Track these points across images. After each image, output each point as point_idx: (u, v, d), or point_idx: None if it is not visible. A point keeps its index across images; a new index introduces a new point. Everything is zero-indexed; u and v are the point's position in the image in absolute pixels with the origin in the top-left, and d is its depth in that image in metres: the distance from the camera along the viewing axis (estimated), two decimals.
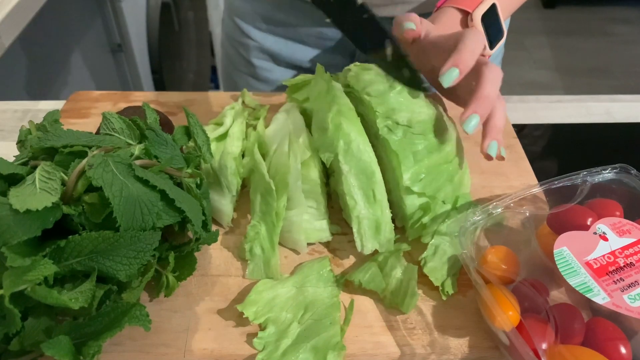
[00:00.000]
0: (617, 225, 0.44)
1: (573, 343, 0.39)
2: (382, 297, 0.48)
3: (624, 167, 0.49)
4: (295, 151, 0.49)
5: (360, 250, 0.49)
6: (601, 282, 0.40)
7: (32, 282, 0.36)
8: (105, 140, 0.45)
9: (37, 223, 0.38)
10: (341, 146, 0.48)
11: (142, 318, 0.40)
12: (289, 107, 0.58)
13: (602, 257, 0.42)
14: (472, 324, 0.46)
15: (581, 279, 0.40)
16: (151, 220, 0.41)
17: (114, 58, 1.53)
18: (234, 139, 0.56)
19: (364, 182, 0.48)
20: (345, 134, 0.49)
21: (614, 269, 0.41)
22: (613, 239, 0.43)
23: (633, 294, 0.39)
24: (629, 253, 0.42)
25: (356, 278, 0.47)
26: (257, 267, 0.49)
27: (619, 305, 0.39)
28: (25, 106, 0.71)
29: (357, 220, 0.48)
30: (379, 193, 0.48)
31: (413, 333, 0.45)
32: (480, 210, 0.46)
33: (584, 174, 0.49)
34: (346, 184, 0.48)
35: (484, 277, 0.42)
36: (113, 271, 0.40)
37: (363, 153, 0.49)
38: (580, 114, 0.71)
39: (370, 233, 0.48)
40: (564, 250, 0.42)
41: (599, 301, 0.39)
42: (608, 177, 0.49)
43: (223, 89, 0.97)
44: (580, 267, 0.41)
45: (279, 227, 0.49)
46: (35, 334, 0.39)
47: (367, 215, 0.48)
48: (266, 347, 0.43)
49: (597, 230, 0.44)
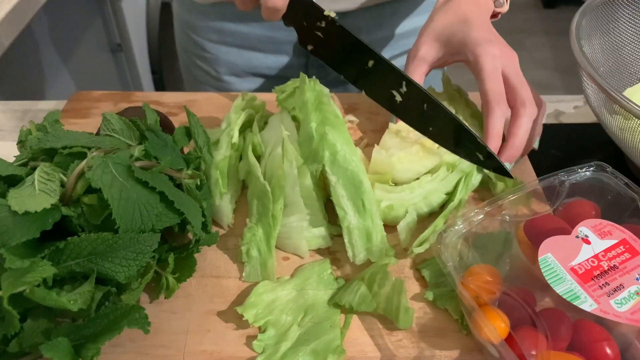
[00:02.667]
0: (598, 227, 0.44)
1: (562, 347, 0.39)
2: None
3: (600, 165, 0.48)
4: (290, 157, 0.49)
5: (352, 260, 0.48)
6: (587, 288, 0.40)
7: (31, 283, 0.36)
8: (104, 142, 0.45)
9: (36, 224, 0.38)
10: (327, 157, 0.48)
11: (141, 320, 0.39)
12: (282, 111, 0.58)
13: (586, 262, 0.42)
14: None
15: (568, 287, 0.40)
16: (150, 222, 0.41)
17: (114, 58, 1.53)
18: (222, 146, 0.55)
19: (352, 192, 0.48)
20: (331, 145, 0.48)
21: (599, 273, 0.41)
22: (595, 241, 0.43)
23: (619, 298, 0.39)
24: (611, 255, 0.42)
25: (346, 301, 0.46)
26: (253, 269, 0.49)
27: (606, 312, 0.38)
28: (25, 106, 0.71)
29: (347, 231, 0.48)
30: (368, 202, 0.48)
31: (414, 336, 0.45)
32: (461, 219, 0.46)
33: (562, 174, 0.48)
34: (335, 194, 0.48)
35: (470, 290, 0.41)
36: (112, 273, 0.40)
37: (350, 163, 0.48)
38: (580, 113, 0.71)
39: (362, 243, 0.48)
40: (548, 257, 0.42)
41: (587, 308, 0.39)
42: (585, 177, 0.48)
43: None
44: (566, 274, 0.41)
45: (275, 229, 0.49)
46: (34, 336, 0.38)
47: (357, 225, 0.48)
48: (266, 349, 0.43)
49: (580, 233, 0.43)
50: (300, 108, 0.53)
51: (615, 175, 0.48)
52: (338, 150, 0.48)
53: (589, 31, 0.63)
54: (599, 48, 0.66)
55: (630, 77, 0.67)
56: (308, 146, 0.50)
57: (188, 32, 0.83)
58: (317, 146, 0.49)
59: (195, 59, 0.86)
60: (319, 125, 0.49)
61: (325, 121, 0.50)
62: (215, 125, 0.65)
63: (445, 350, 0.44)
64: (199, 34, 0.82)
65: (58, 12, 1.16)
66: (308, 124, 0.50)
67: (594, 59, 0.64)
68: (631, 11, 0.66)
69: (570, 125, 0.69)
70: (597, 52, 0.65)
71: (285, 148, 0.49)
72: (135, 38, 1.51)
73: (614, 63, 0.67)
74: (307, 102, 0.51)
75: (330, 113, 0.50)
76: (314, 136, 0.49)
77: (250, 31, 0.77)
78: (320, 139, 0.49)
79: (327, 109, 0.51)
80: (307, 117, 0.51)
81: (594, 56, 0.65)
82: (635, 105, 0.50)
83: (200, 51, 0.83)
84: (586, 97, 0.61)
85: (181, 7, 0.83)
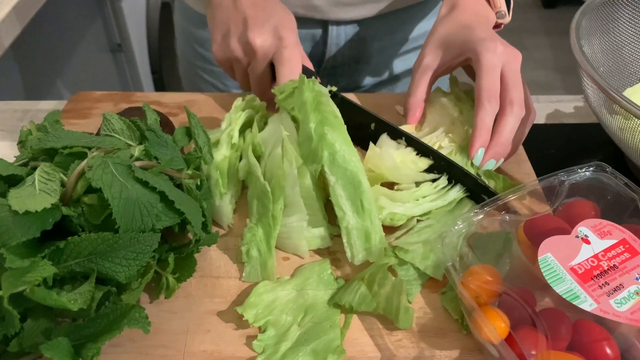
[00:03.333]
0: (598, 227, 0.44)
1: (562, 347, 0.39)
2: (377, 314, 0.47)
3: (599, 165, 0.48)
4: (289, 157, 0.49)
5: (350, 260, 0.48)
6: (587, 288, 0.40)
7: (31, 283, 0.36)
8: (105, 142, 0.45)
9: (36, 224, 0.38)
10: (326, 157, 0.48)
11: (141, 320, 0.39)
12: (282, 111, 0.58)
13: (586, 262, 0.42)
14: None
15: (567, 286, 0.40)
16: (150, 222, 0.41)
17: (114, 58, 1.53)
18: (222, 146, 0.55)
19: (351, 192, 0.48)
20: (330, 145, 0.48)
21: (599, 273, 0.41)
22: (595, 241, 0.43)
23: (619, 298, 0.39)
24: (611, 255, 0.42)
25: (346, 301, 0.46)
26: (253, 269, 0.49)
27: (606, 311, 0.38)
28: (25, 106, 0.71)
29: (346, 231, 0.48)
30: (367, 202, 0.48)
31: (414, 336, 0.45)
32: (461, 218, 0.46)
33: (561, 174, 0.48)
34: (333, 194, 0.48)
35: (470, 290, 0.41)
36: (112, 272, 0.40)
37: (349, 163, 0.48)
38: (580, 113, 0.71)
39: (360, 243, 0.48)
40: (548, 257, 0.42)
41: (586, 308, 0.39)
42: (585, 177, 0.48)
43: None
44: (566, 274, 0.41)
45: (275, 229, 0.49)
46: (34, 336, 0.38)
47: (356, 225, 0.48)
48: (266, 349, 0.43)
49: (579, 233, 0.43)
50: (299, 108, 0.53)
51: (615, 175, 0.48)
52: (337, 150, 0.48)
53: (589, 31, 0.63)
54: (599, 48, 0.66)
55: (630, 77, 0.67)
56: (307, 146, 0.50)
57: (194, 45, 0.82)
58: (316, 146, 0.49)
59: (201, 72, 0.85)
60: (318, 126, 0.49)
61: (324, 121, 0.50)
62: (215, 125, 0.65)
63: (445, 350, 0.44)
64: (206, 47, 0.81)
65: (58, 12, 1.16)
66: (307, 124, 0.50)
67: (594, 59, 0.64)
68: (631, 11, 0.66)
69: (570, 125, 0.69)
70: (597, 52, 0.65)
71: (285, 148, 0.49)
72: (135, 38, 1.51)
73: (614, 63, 0.67)
74: (305, 102, 0.51)
75: (329, 113, 0.50)
76: (313, 136, 0.49)
77: None
78: (319, 139, 0.49)
79: (326, 109, 0.51)
80: (306, 118, 0.51)
81: (594, 56, 0.65)
82: (635, 105, 0.50)
83: (207, 64, 0.83)
84: (586, 97, 0.61)
85: (184, 19, 0.82)
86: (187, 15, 0.81)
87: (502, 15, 0.61)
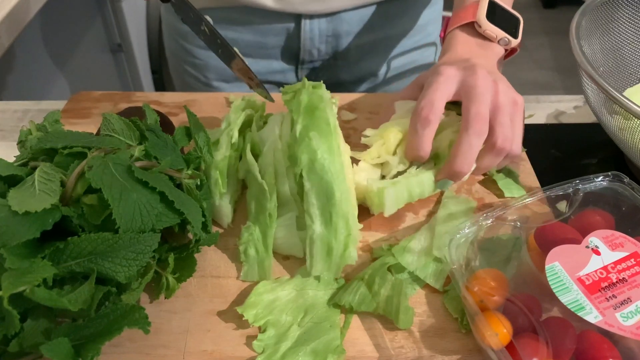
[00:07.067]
0: (609, 238, 0.43)
1: (566, 358, 0.38)
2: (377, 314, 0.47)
3: (616, 175, 0.47)
4: (278, 155, 0.49)
5: (308, 270, 0.48)
6: (593, 300, 0.39)
7: (31, 283, 0.36)
8: (105, 142, 0.45)
9: (36, 225, 0.38)
10: (305, 162, 0.47)
11: (141, 320, 0.39)
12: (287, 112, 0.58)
13: (594, 273, 0.41)
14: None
15: (573, 297, 0.39)
16: (150, 222, 0.41)
17: (114, 58, 1.53)
18: (222, 146, 0.55)
19: (323, 202, 0.47)
20: (312, 150, 0.48)
21: (607, 285, 0.40)
22: (606, 252, 0.42)
23: (625, 312, 0.38)
24: (621, 268, 0.41)
25: (346, 301, 0.46)
26: (251, 268, 0.49)
27: (611, 324, 0.38)
28: (25, 106, 0.71)
29: (310, 240, 0.47)
30: (335, 216, 0.47)
31: (414, 336, 0.45)
32: (470, 222, 0.45)
33: (576, 182, 0.47)
34: (306, 201, 0.47)
35: (474, 294, 0.41)
36: (112, 273, 0.40)
37: (327, 172, 0.47)
38: (580, 113, 0.71)
39: (321, 256, 0.47)
40: (555, 265, 0.41)
41: (591, 320, 0.38)
42: (601, 186, 0.47)
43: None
44: (573, 284, 0.40)
45: (272, 228, 0.49)
46: (34, 336, 0.38)
47: (321, 236, 0.47)
48: (266, 349, 0.43)
49: (590, 243, 0.42)
50: (295, 110, 0.53)
51: (632, 186, 0.46)
52: (317, 158, 0.47)
53: (589, 31, 0.63)
54: (599, 48, 0.66)
55: (630, 77, 0.67)
56: (292, 148, 0.50)
57: (177, 38, 0.83)
58: (296, 150, 0.48)
59: (184, 65, 0.86)
60: (304, 129, 0.49)
61: (312, 126, 0.49)
62: (215, 125, 0.65)
63: (445, 350, 0.44)
64: (188, 40, 0.82)
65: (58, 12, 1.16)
66: (294, 127, 0.50)
67: (594, 59, 0.64)
68: (631, 11, 0.66)
69: (570, 125, 0.69)
70: (597, 52, 0.65)
71: (275, 147, 0.49)
72: (135, 38, 1.51)
73: (614, 63, 0.67)
74: (300, 104, 0.51)
75: (321, 119, 0.49)
76: (297, 139, 0.49)
77: (239, 37, 0.78)
78: (301, 143, 0.48)
79: (320, 115, 0.50)
80: (296, 120, 0.51)
81: (594, 56, 0.65)
82: (635, 105, 0.50)
83: (189, 57, 0.83)
84: (586, 97, 0.61)
85: (169, 13, 0.83)
86: (170, 8, 0.82)
87: (505, 42, 0.58)
